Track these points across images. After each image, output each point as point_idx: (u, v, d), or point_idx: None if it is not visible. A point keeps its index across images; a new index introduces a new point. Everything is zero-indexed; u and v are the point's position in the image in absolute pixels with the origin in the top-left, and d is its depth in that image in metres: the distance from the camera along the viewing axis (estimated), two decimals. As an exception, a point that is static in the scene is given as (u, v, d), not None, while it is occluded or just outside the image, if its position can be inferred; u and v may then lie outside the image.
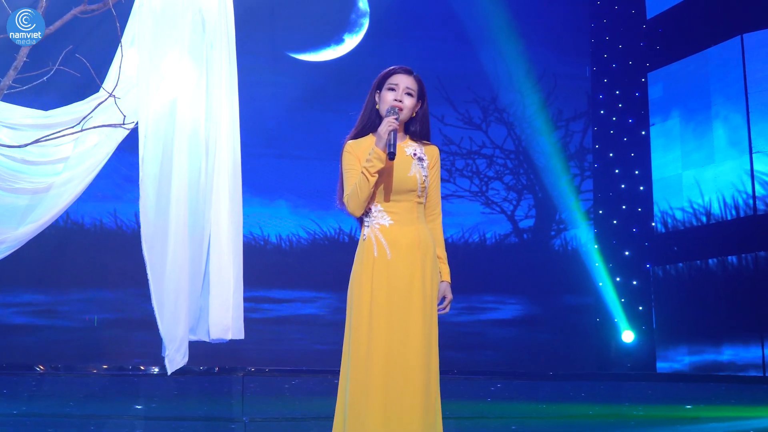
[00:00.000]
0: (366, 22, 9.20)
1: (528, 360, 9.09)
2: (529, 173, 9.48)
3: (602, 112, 9.66)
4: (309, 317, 8.82)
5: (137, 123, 5.22)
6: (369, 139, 4.07)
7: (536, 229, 9.47)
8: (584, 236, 9.42)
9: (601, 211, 9.52)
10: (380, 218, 3.98)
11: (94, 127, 5.25)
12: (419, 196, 3.99)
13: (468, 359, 9.01)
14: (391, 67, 4.13)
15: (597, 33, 9.71)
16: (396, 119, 3.91)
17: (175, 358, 5.15)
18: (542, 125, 9.48)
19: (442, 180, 8.95)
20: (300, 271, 8.84)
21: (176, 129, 5.23)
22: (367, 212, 3.99)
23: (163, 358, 5.16)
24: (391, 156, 3.81)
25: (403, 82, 4.09)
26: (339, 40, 9.17)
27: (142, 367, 8.11)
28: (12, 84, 5.08)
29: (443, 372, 3.76)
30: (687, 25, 9.34)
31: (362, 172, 3.90)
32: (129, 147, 5.32)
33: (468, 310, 9.25)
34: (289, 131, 8.92)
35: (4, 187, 5.26)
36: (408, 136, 4.12)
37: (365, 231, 3.98)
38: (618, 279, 9.40)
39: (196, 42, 5.35)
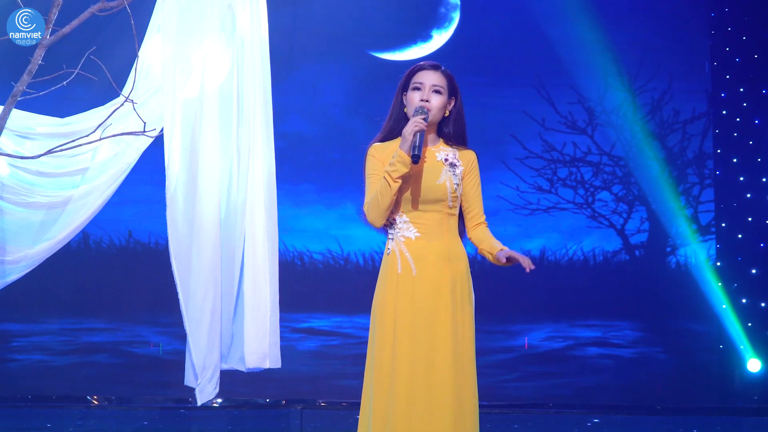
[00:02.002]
0: (457, 16, 9.04)
1: (635, 392, 8.82)
2: (641, 182, 9.15)
3: (724, 112, 9.24)
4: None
5: (162, 130, 5.17)
6: (396, 143, 3.98)
7: (649, 244, 9.14)
8: (704, 253, 9.05)
9: (723, 224, 9.12)
10: (405, 230, 3.92)
11: (114, 135, 5.17)
12: (450, 207, 3.93)
13: (563, 390, 8.73)
14: (416, 64, 4.05)
15: (717, 23, 9.29)
16: (424, 119, 3.85)
17: (206, 388, 5.10)
18: (656, 128, 9.18)
19: (543, 190, 9.15)
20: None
21: (203, 134, 5.15)
22: (391, 223, 3.93)
23: (192, 389, 5.12)
24: (415, 159, 3.76)
25: (430, 79, 3.98)
26: (426, 37, 9.00)
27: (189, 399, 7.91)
28: (26, 90, 4.99)
29: (531, 404, 3.43)
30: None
31: (384, 178, 3.84)
32: (153, 156, 5.26)
33: (567, 334, 9.02)
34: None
35: (17, 201, 5.23)
36: (441, 140, 4.04)
37: (389, 244, 3.94)
38: (744, 301, 8.97)
39: (226, 39, 5.26)
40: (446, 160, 3.98)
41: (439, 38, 9.05)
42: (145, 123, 5.06)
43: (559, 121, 9.20)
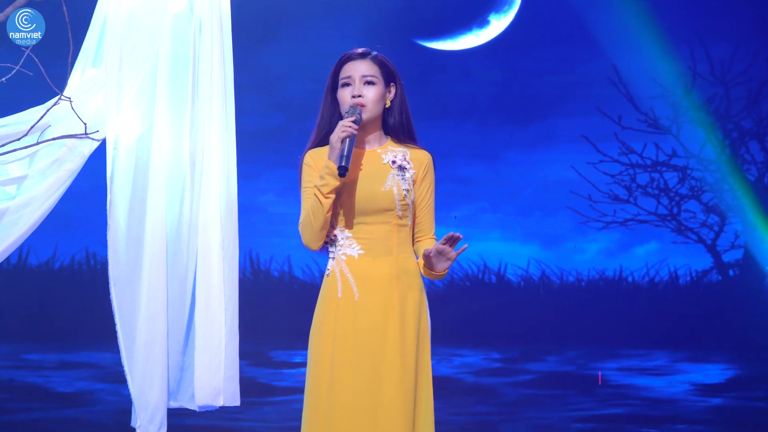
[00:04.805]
0: (519, -1, 8.78)
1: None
2: (735, 189, 8.72)
3: (835, 105, 8.79)
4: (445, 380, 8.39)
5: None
6: None
7: (746, 263, 8.74)
8: (812, 272, 8.62)
9: (836, 239, 8.64)
10: (347, 247, 3.78)
11: (54, 139, 5.00)
12: (399, 217, 3.79)
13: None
14: (342, 56, 3.94)
15: (826, 5, 8.85)
16: (355, 121, 3.71)
17: (149, 429, 4.89)
18: (753, 125, 8.74)
19: (620, 200, 8.72)
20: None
21: (154, 138, 4.97)
22: (332, 240, 3.82)
23: (132, 430, 4.91)
24: (342, 171, 3.59)
25: (358, 70, 3.85)
26: (483, 23, 8.61)
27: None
28: (-45, 87, 5.04)
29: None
30: None
31: (314, 194, 3.73)
32: (96, 163, 5.09)
33: (650, 368, 8.64)
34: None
35: (-60, 217, 5.17)
36: (390, 139, 3.91)
37: (329, 264, 3.83)
38: None
39: (181, 31, 5.03)
40: (394, 162, 3.81)
41: (498, 24, 8.68)
42: (86, 124, 4.89)
43: (639, 118, 8.79)
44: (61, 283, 8.36)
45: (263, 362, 8.26)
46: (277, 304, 8.10)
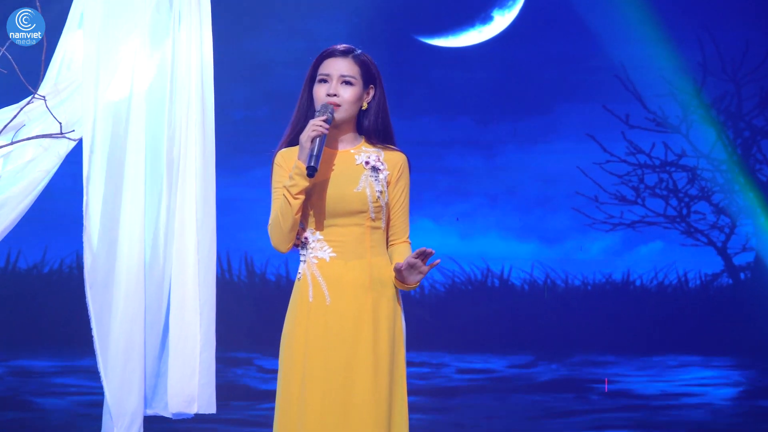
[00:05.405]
0: (524, -7, 8.80)
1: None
2: (747, 190, 8.67)
3: None
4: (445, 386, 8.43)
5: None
6: None
7: (758, 266, 8.68)
8: (827, 275, 8.61)
9: None
10: (319, 250, 3.78)
11: (28, 138, 5.02)
12: (372, 219, 3.79)
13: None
14: (324, 50, 3.92)
15: (841, -3, 8.81)
16: (326, 120, 3.70)
17: None
18: (765, 125, 8.69)
19: (628, 201, 8.68)
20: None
21: (129, 140, 4.96)
22: (304, 243, 3.83)
23: None
24: (311, 172, 3.60)
25: (338, 68, 3.83)
26: (486, 19, 8.55)
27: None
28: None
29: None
30: None
31: (283, 195, 3.73)
32: (72, 164, 5.13)
33: (660, 375, 8.56)
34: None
35: None
36: (363, 139, 3.91)
37: (301, 268, 3.83)
38: None
39: (160, 27, 5.05)
40: (367, 163, 3.79)
41: (502, 20, 8.62)
42: (61, 123, 4.89)
43: (647, 117, 8.74)
44: (50, 286, 8.34)
45: (260, 368, 8.28)
46: (272, 309, 8.05)
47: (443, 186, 8.63)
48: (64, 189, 6.38)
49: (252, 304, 8.01)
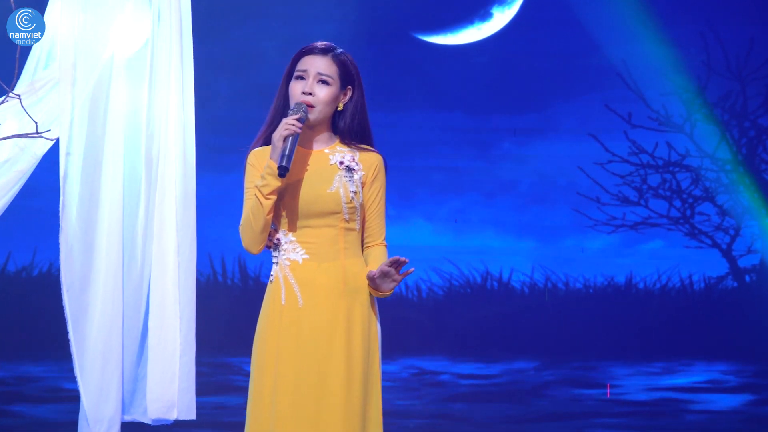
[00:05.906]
0: (524, -9, 8.81)
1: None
2: (752, 191, 8.65)
3: None
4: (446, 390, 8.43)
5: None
6: None
7: (763, 268, 8.67)
8: (835, 277, 8.63)
9: None
10: (291, 252, 3.77)
11: (3, 138, 5.00)
12: (346, 220, 3.77)
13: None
14: (304, 47, 3.87)
15: None
16: (300, 119, 3.67)
17: None
18: None
19: (630, 202, 8.70)
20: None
21: (107, 138, 4.94)
22: (276, 244, 3.81)
23: None
24: (282, 171, 3.57)
25: (315, 66, 3.79)
26: (485, 16, 8.54)
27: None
28: None
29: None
30: None
31: (255, 195, 3.72)
32: (48, 164, 5.10)
33: (662, 379, 8.55)
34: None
35: None
36: (338, 139, 3.88)
37: (273, 270, 3.83)
38: None
39: (139, 22, 5.05)
40: (341, 163, 3.77)
41: (501, 17, 8.62)
42: (37, 123, 4.87)
43: (650, 116, 8.73)
44: (42, 288, 8.29)
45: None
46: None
47: (438, 183, 8.60)
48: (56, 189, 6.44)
49: (246, 306, 8.00)
